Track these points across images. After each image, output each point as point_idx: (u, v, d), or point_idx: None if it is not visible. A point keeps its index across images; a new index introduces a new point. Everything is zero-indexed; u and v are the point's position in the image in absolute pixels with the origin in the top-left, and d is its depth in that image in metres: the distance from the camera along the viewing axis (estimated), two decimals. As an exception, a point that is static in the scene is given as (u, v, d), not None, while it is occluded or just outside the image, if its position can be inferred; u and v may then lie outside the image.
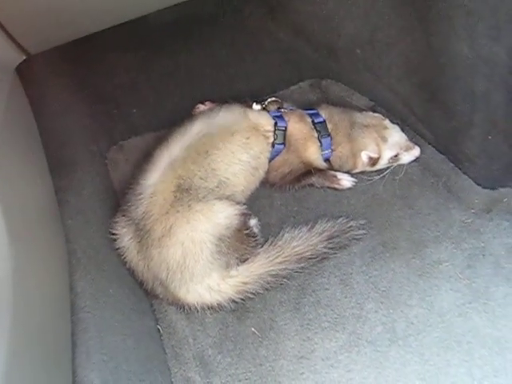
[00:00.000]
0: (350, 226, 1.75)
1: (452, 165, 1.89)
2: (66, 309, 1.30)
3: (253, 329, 1.64)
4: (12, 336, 0.95)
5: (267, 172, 1.86)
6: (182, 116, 1.90)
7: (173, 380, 1.57)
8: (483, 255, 1.68)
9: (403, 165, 1.88)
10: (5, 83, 1.18)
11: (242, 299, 1.66)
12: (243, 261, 1.68)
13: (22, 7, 1.04)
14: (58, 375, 1.16)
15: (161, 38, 2.08)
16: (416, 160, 1.88)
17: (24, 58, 1.20)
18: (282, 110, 1.89)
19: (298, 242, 1.70)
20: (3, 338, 0.93)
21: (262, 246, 1.72)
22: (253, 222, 1.77)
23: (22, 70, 1.37)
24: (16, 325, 0.97)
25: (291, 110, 1.91)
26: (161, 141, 1.79)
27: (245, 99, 1.92)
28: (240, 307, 1.67)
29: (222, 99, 1.96)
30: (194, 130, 1.74)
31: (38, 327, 1.12)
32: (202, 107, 1.99)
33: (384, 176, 1.88)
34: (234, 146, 1.74)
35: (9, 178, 1.11)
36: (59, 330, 1.23)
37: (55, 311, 1.24)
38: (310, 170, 1.89)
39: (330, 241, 1.71)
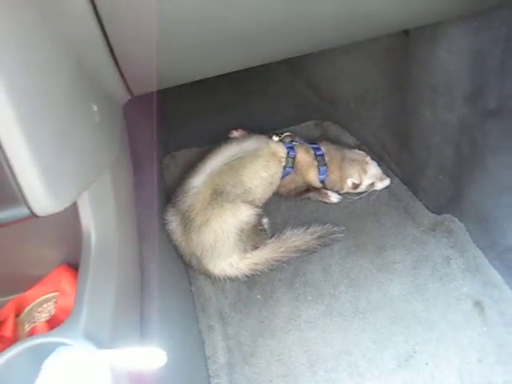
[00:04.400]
0: (334, 230, 1.81)
1: (411, 193, 1.96)
2: (138, 267, 1.38)
3: (258, 296, 1.72)
4: (118, 285, 1.04)
5: (278, 186, 1.90)
6: (219, 137, 1.94)
7: (200, 326, 1.65)
8: (426, 261, 1.76)
9: (376, 190, 1.94)
10: (119, 115, 1.23)
11: (253, 275, 1.73)
12: (256, 248, 1.75)
13: (141, 57, 1.03)
14: (131, 312, 1.22)
15: (208, 79, 2.17)
16: (386, 187, 1.94)
17: (129, 98, 1.20)
18: (294, 143, 1.92)
19: (296, 238, 1.77)
20: (113, 286, 1.01)
21: (270, 239, 1.79)
22: (265, 220, 1.82)
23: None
24: (119, 277, 1.04)
25: (300, 143, 1.94)
26: (204, 154, 1.84)
27: (267, 131, 1.96)
28: (251, 280, 1.74)
29: (250, 128, 2.01)
30: (230, 153, 1.79)
31: (125, 277, 1.17)
32: (235, 133, 2.02)
33: (362, 197, 1.94)
34: (257, 166, 1.79)
35: (118, 175, 1.20)
36: (134, 281, 1.30)
37: (132, 266, 1.32)
38: (309, 188, 1.95)
39: (319, 239, 1.78)
